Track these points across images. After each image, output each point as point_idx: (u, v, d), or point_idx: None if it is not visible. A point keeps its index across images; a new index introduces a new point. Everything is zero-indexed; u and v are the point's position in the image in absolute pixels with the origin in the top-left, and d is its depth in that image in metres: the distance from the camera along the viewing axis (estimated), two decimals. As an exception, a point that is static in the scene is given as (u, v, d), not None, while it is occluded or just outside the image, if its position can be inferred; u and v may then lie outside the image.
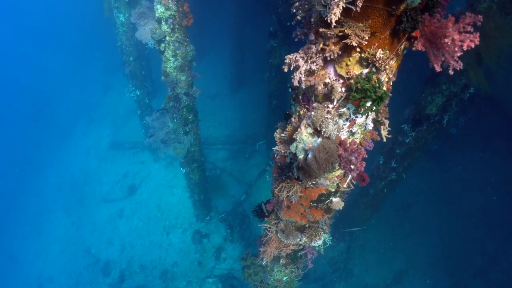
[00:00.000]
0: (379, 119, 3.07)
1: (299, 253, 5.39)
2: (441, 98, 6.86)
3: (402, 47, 2.55)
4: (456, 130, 11.53)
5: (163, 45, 7.67)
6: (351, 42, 2.19)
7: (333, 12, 1.91)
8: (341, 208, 4.06)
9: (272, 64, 10.45)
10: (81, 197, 16.02)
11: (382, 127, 3.22)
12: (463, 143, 12.12)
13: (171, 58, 7.82)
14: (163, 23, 7.39)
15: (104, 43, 19.07)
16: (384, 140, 3.30)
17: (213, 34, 17.11)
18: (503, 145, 12.39)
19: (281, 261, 5.68)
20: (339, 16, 2.02)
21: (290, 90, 3.26)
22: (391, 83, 2.81)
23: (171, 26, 7.40)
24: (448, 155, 12.05)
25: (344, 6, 1.96)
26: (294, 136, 2.84)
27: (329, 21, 1.95)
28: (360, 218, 10.09)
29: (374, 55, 2.31)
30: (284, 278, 6.32)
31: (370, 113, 2.73)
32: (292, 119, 3.22)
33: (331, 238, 5.09)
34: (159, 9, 7.25)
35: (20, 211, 17.94)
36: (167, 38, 7.56)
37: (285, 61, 2.55)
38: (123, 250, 13.50)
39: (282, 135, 3.46)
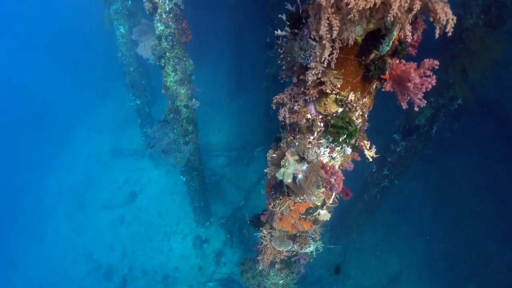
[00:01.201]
0: (356, 144, 3.55)
1: (293, 259, 5.87)
2: (430, 110, 7.36)
3: (374, 86, 3.03)
4: (451, 134, 12.01)
5: (163, 60, 8.15)
6: (326, 89, 2.67)
7: (312, 73, 2.39)
8: (328, 220, 4.56)
9: (269, 73, 10.93)
10: (82, 203, 16.50)
11: (365, 148, 3.70)
12: (458, 147, 12.59)
13: (171, 73, 8.30)
14: (163, 40, 7.88)
15: (103, 51, 19.52)
16: (370, 160, 3.77)
17: (212, 41, 17.59)
18: (498, 148, 12.85)
19: (276, 266, 6.16)
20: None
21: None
22: (366, 115, 3.30)
23: (171, 43, 7.88)
24: (443, 159, 12.52)
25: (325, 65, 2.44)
26: (282, 163, 3.31)
27: (307, 79, 2.44)
28: (356, 222, 10.57)
29: (346, 98, 2.79)
30: (280, 282, 6.79)
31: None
32: (281, 144, 3.71)
33: (323, 245, 5.54)
34: (159, 27, 7.74)
35: (21, 217, 18.41)
36: (167, 54, 8.04)
37: (273, 100, 3.04)
38: (125, 256, 13.97)
39: (273, 155, 3.96)
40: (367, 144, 3.68)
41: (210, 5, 15.24)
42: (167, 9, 7.52)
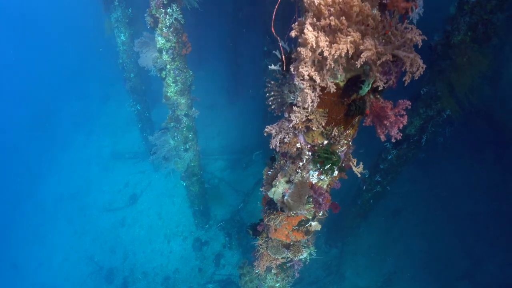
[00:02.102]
0: (343, 165, 4.01)
1: (288, 264, 6.35)
2: (419, 121, 7.81)
3: (357, 119, 3.48)
4: (443, 139, 12.48)
5: (164, 72, 8.58)
6: (312, 126, 3.12)
7: (295, 115, 2.84)
8: (319, 229, 5.03)
9: (266, 81, 11.37)
10: (83, 206, 16.93)
11: (352, 165, 4.15)
12: (451, 151, 13.06)
13: (171, 84, 8.73)
14: (164, 53, 8.30)
15: (103, 54, 19.85)
16: (359, 175, 4.22)
17: (211, 45, 17.97)
18: (490, 151, 13.34)
19: (272, 271, 6.65)
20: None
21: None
22: (351, 143, 3.74)
23: (172, 56, 8.30)
24: (436, 163, 12.99)
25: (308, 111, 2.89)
26: (273, 183, 3.77)
27: (292, 119, 2.88)
28: (350, 226, 11.06)
29: (331, 132, 3.25)
30: (277, 285, 7.29)
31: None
32: (275, 165, 4.16)
33: (315, 250, 6.01)
34: (160, 41, 8.16)
35: (22, 220, 18.82)
36: (168, 66, 8.47)
37: (265, 130, 3.50)
38: (126, 258, 14.44)
39: (268, 173, 4.42)
40: (354, 161, 4.15)
41: (210, 10, 15.63)
42: (168, 24, 7.93)
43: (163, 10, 7.79)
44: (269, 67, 3.50)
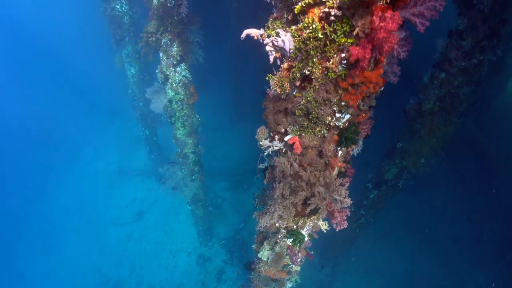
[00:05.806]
0: (312, 232, 5.90)
1: (277, 293, 8.27)
2: (395, 169, 9.63)
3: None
4: (430, 170, 14.25)
5: (173, 118, 10.46)
6: (284, 220, 5.01)
7: (274, 215, 4.72)
8: (298, 271, 6.95)
9: (265, 114, 13.20)
10: (90, 219, 18.87)
11: (321, 227, 6.02)
12: (437, 179, 14.84)
13: (180, 128, 10.62)
14: (174, 103, 10.17)
15: (111, 72, 21.67)
16: (324, 231, 6.07)
17: (214, 68, 19.74)
18: (475, 179, 15.10)
19: (265, 297, 8.56)
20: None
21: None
22: (315, 220, 5.60)
23: (180, 106, 10.18)
24: (423, 190, 14.80)
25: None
26: (261, 247, 5.67)
27: (266, 223, 4.77)
28: (340, 249, 12.97)
29: (297, 222, 5.13)
30: (270, 307, 9.20)
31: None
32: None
33: (300, 278, 7.91)
34: (170, 93, 10.03)
35: (29, 231, 20.33)
36: (177, 113, 10.34)
37: (254, 216, 5.38)
38: (133, 271, 16.43)
39: (260, 229, 6.33)
40: (325, 224, 6.01)
41: (214, 42, 17.39)
42: (177, 80, 9.78)
43: (173, 69, 9.64)
44: (258, 166, 5.39)
